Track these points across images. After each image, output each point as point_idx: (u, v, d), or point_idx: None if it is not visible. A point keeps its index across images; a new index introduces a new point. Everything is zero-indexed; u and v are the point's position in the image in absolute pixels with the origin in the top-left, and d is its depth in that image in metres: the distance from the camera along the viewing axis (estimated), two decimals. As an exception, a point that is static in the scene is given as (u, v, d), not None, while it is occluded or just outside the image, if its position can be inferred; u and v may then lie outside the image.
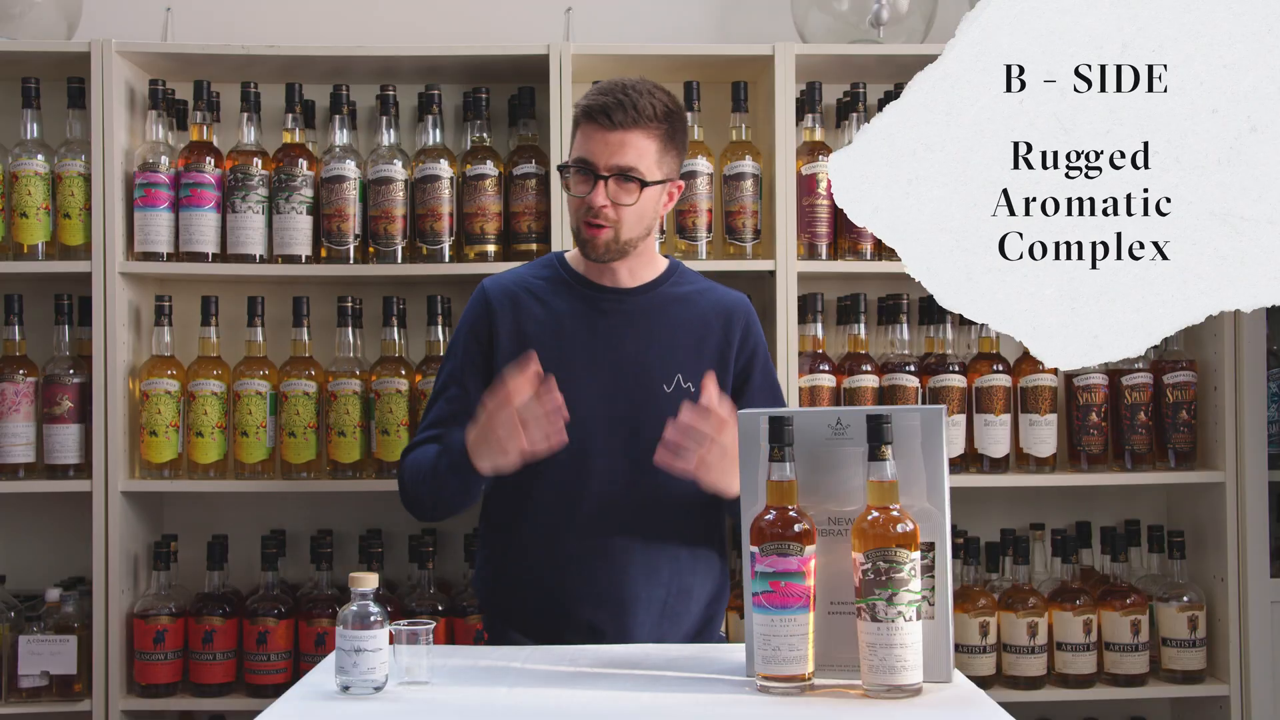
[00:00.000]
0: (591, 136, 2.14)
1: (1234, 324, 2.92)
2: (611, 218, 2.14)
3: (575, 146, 2.18)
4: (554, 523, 2.19)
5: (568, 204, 2.23)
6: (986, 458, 2.92)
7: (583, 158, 2.15)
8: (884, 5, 3.02)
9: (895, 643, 1.66)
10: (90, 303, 2.83)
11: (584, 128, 2.15)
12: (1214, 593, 2.98)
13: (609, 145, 2.12)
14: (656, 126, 2.14)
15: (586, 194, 2.14)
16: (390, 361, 2.91)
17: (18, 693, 2.79)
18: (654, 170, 2.16)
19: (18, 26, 2.95)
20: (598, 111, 2.12)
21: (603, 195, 2.13)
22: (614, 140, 2.12)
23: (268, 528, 3.02)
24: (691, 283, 2.32)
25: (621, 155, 2.12)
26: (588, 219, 2.15)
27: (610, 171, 2.13)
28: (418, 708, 1.70)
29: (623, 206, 2.14)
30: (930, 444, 1.76)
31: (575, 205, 2.18)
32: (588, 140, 2.14)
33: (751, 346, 2.29)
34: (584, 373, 2.20)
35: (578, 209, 2.18)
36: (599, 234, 2.15)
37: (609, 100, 2.12)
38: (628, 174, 2.13)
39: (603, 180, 2.13)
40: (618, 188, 2.13)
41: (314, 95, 3.05)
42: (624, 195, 2.14)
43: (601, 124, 2.12)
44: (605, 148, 2.12)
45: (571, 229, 2.22)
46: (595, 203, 2.13)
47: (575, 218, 2.19)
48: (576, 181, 2.16)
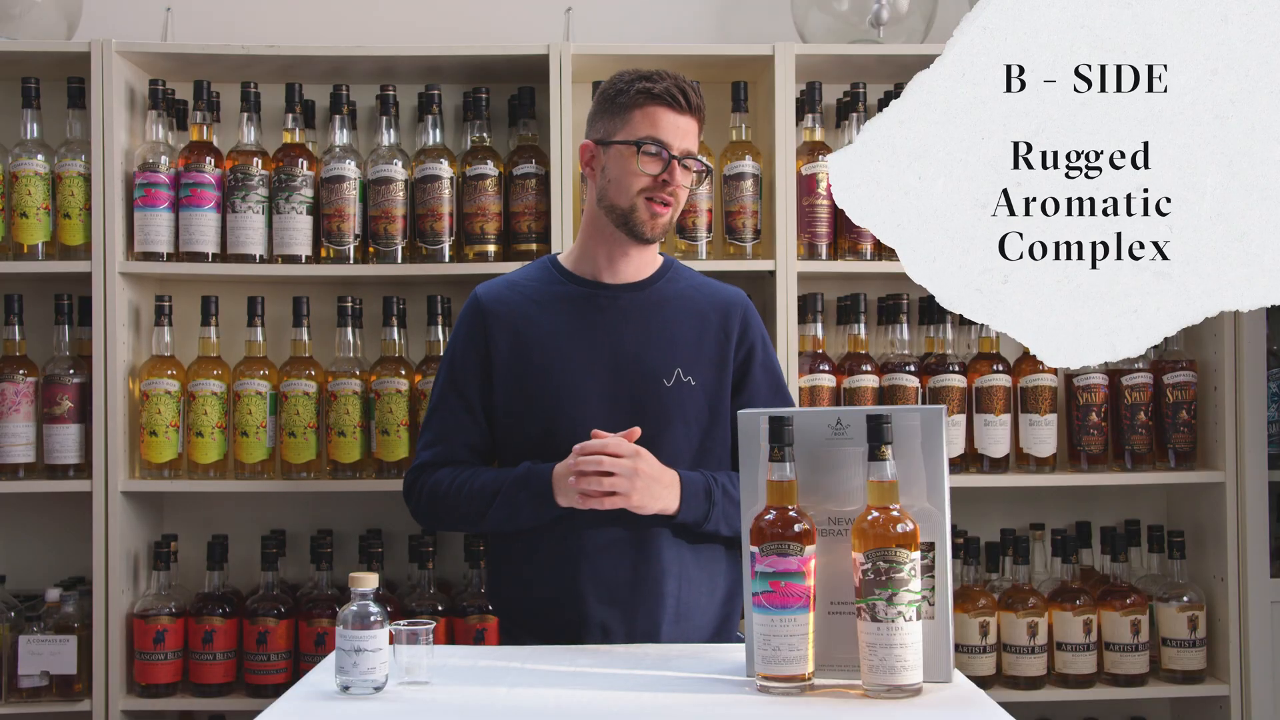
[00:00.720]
0: (663, 118, 2.18)
1: (1234, 324, 2.92)
2: (676, 198, 2.21)
3: (636, 127, 2.18)
4: (561, 521, 2.19)
5: (615, 182, 2.19)
6: (986, 458, 2.92)
7: (658, 138, 2.18)
8: (884, 5, 3.02)
9: (895, 643, 1.66)
10: (90, 303, 2.84)
11: (650, 109, 2.18)
12: (1214, 593, 2.98)
13: (680, 129, 2.19)
14: (702, 116, 2.24)
15: (659, 173, 2.17)
16: (390, 361, 2.91)
17: (18, 693, 2.79)
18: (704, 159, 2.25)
19: (18, 26, 2.95)
20: (673, 94, 2.18)
21: (680, 174, 2.19)
22: (685, 125, 2.20)
23: (268, 528, 3.02)
24: (687, 279, 2.33)
25: (690, 139, 2.21)
26: (658, 196, 2.18)
27: (683, 154, 2.19)
28: (418, 708, 1.70)
29: (682, 189, 2.21)
30: (930, 444, 1.76)
31: (640, 183, 2.18)
32: (658, 121, 2.18)
33: (750, 340, 2.29)
34: (584, 369, 2.20)
35: (642, 187, 2.18)
36: (664, 212, 2.20)
37: (677, 85, 2.19)
38: (692, 158, 2.21)
39: (676, 161, 2.18)
40: (683, 172, 2.20)
41: (314, 95, 3.06)
42: (687, 179, 2.22)
43: (676, 108, 2.18)
44: (677, 131, 2.19)
45: (620, 207, 2.19)
46: (676, 180, 2.18)
47: (631, 196, 2.18)
48: (647, 160, 2.18)
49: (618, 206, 2.20)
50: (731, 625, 2.29)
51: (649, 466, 2.08)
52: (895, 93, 2.99)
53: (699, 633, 2.22)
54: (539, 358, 2.22)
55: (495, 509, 2.16)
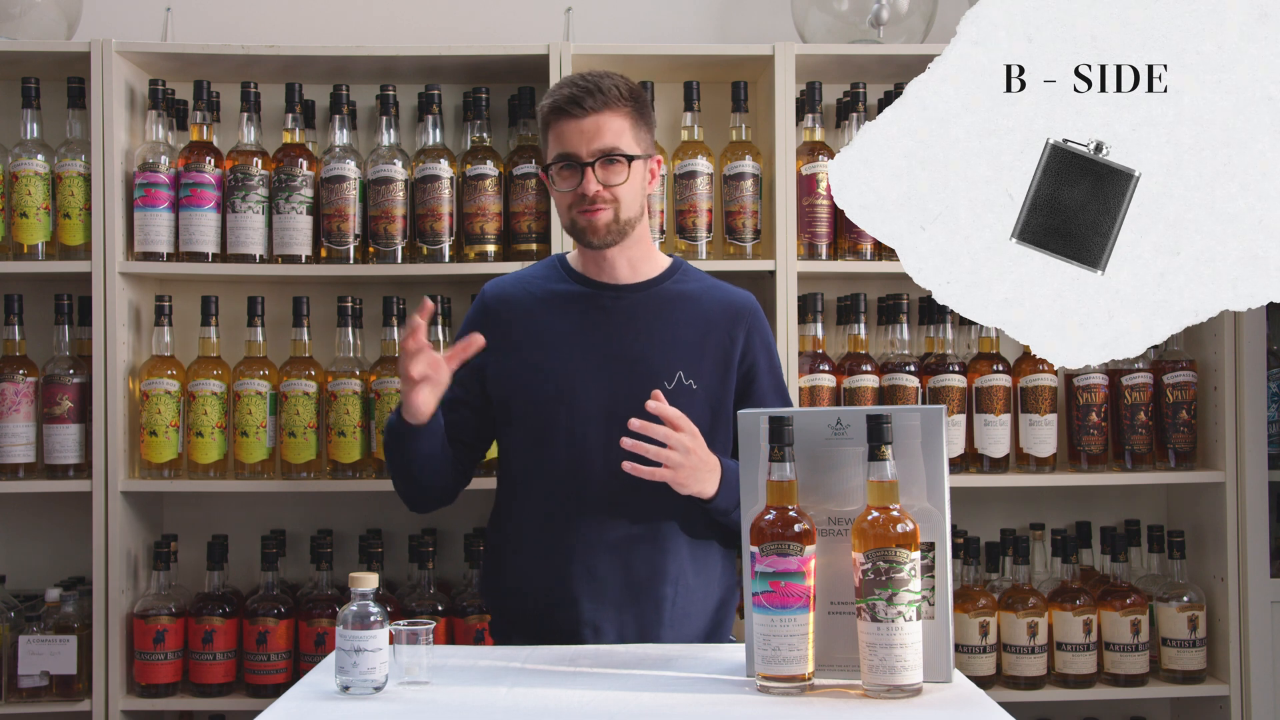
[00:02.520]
0: (566, 130, 2.14)
1: (1234, 324, 2.92)
2: (608, 198, 2.15)
3: (551, 146, 2.18)
4: (557, 520, 2.19)
5: (557, 205, 2.23)
6: (986, 458, 2.92)
7: (563, 152, 2.15)
8: (884, 5, 3.02)
9: (895, 643, 1.66)
10: (90, 303, 2.83)
11: (556, 126, 2.16)
12: (1214, 593, 2.98)
13: (585, 132, 2.13)
14: (624, 105, 2.16)
15: (576, 186, 2.15)
16: (390, 361, 2.91)
17: (18, 693, 2.79)
18: (633, 147, 2.17)
19: (18, 26, 2.95)
20: (566, 103, 2.14)
21: (594, 181, 2.14)
22: (589, 126, 2.13)
23: (268, 528, 3.02)
24: (697, 280, 2.31)
25: (600, 139, 2.13)
26: (583, 208, 2.15)
27: (594, 156, 2.14)
28: (418, 708, 1.70)
29: (616, 186, 2.15)
30: (930, 444, 1.76)
31: (566, 201, 2.18)
32: (563, 135, 2.15)
33: (757, 348, 2.27)
34: (585, 368, 2.20)
35: (570, 204, 2.17)
36: (597, 215, 2.15)
37: (573, 91, 2.14)
38: (612, 154, 2.14)
39: (589, 167, 2.13)
40: (605, 171, 2.14)
41: (314, 95, 3.05)
42: (614, 176, 2.15)
43: (574, 114, 2.13)
44: (583, 136, 2.13)
45: (565, 228, 2.22)
46: (589, 190, 2.14)
47: (567, 214, 2.19)
48: (563, 178, 2.17)
49: (565, 226, 2.22)
50: (724, 630, 2.30)
51: (701, 449, 2.07)
52: (895, 93, 2.98)
53: (692, 636, 2.22)
54: (540, 355, 2.22)
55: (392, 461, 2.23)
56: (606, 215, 2.15)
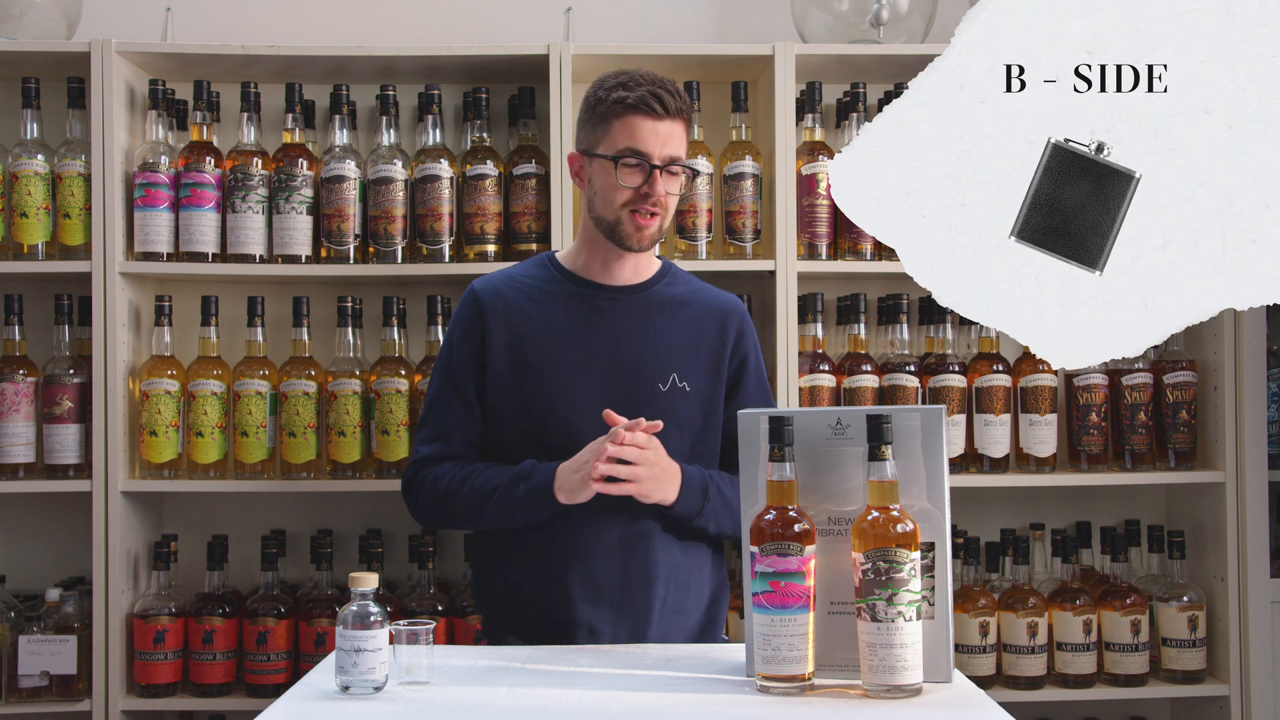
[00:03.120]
0: (640, 127, 2.13)
1: (1234, 324, 2.92)
2: (663, 206, 2.17)
3: (618, 137, 2.15)
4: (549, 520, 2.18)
5: (600, 194, 2.19)
6: (986, 458, 2.92)
7: (635, 149, 2.14)
8: (884, 5, 3.02)
9: (895, 643, 1.66)
10: (90, 303, 2.84)
11: (628, 119, 2.14)
12: (1214, 593, 2.98)
13: (659, 136, 2.14)
14: (685, 116, 2.18)
15: (640, 185, 2.14)
16: (390, 361, 2.91)
17: (18, 693, 2.79)
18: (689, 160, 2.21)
19: (18, 26, 2.95)
20: (649, 101, 2.12)
21: (660, 185, 2.14)
22: (664, 130, 2.14)
23: (268, 528, 3.02)
24: (685, 283, 2.32)
25: (672, 145, 2.15)
26: (641, 208, 2.15)
27: (664, 162, 2.14)
28: (418, 708, 1.70)
29: (669, 196, 2.17)
30: (930, 444, 1.76)
31: (623, 197, 2.15)
32: (636, 131, 2.13)
33: (745, 350, 2.29)
34: (579, 370, 2.20)
35: (626, 200, 2.15)
36: (651, 223, 2.16)
37: (655, 90, 2.13)
38: (678, 163, 2.16)
39: (659, 171, 2.14)
40: (668, 179, 2.16)
41: (314, 95, 3.05)
42: (673, 184, 2.17)
43: (654, 114, 2.13)
44: (656, 138, 2.14)
45: (606, 219, 2.18)
46: (657, 193, 2.14)
47: (616, 209, 2.16)
48: (628, 173, 2.15)
49: (604, 219, 2.19)
50: (716, 629, 2.30)
51: (660, 458, 2.09)
52: (895, 93, 2.98)
53: (684, 635, 2.22)
54: (534, 356, 2.21)
55: (493, 505, 2.15)
56: (657, 224, 2.18)
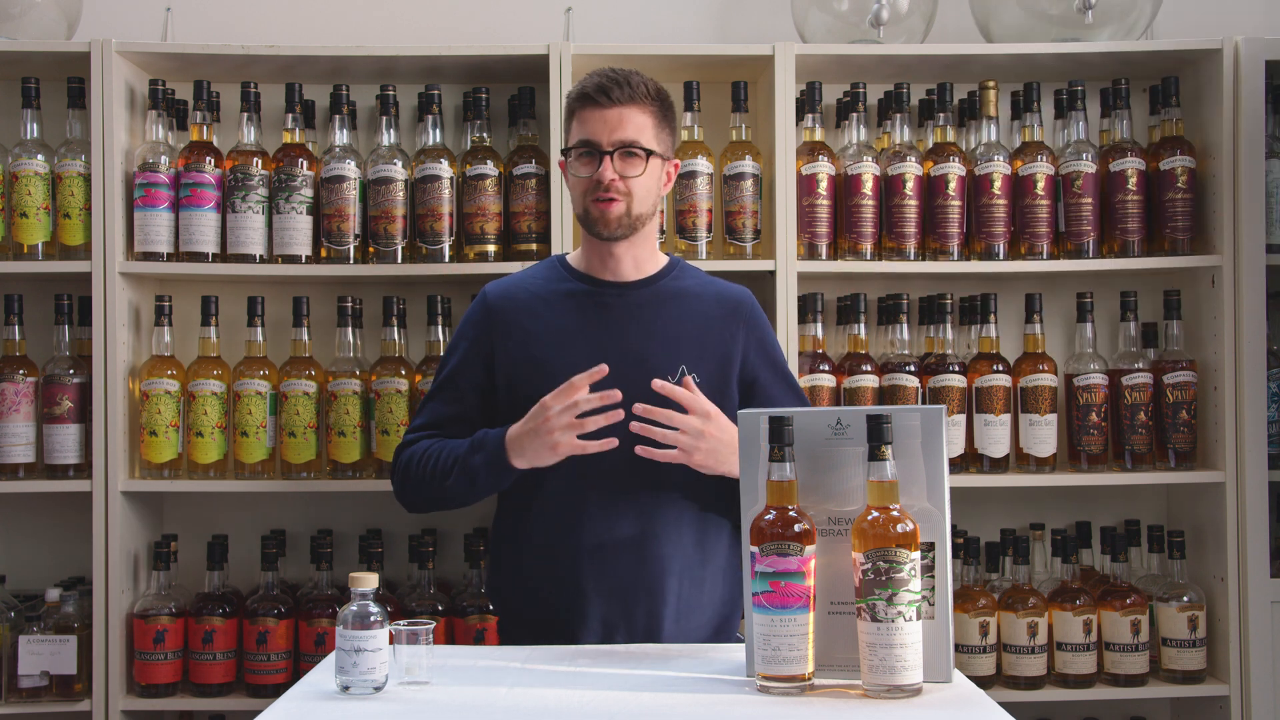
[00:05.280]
0: (590, 118, 2.19)
1: (1234, 324, 2.92)
2: (622, 190, 2.19)
3: (574, 133, 2.22)
4: (562, 517, 2.19)
5: (571, 190, 2.26)
6: (986, 458, 2.92)
7: (585, 139, 2.19)
8: (884, 5, 3.01)
9: (895, 643, 1.66)
10: (90, 303, 2.83)
11: (581, 113, 2.20)
12: (1214, 593, 2.98)
13: (609, 122, 2.18)
14: (650, 103, 2.21)
15: (593, 172, 2.18)
16: (390, 361, 2.91)
17: (18, 693, 2.79)
18: (653, 144, 2.21)
19: (18, 26, 2.95)
20: (594, 92, 2.18)
21: (610, 169, 2.17)
22: (613, 117, 2.18)
23: (268, 528, 3.02)
24: (693, 277, 2.34)
25: (623, 130, 2.18)
26: (597, 195, 2.18)
27: (614, 146, 2.18)
28: (418, 708, 1.70)
29: (631, 179, 2.19)
30: (930, 444, 1.76)
31: (581, 187, 2.21)
32: (587, 122, 2.19)
33: (756, 339, 2.30)
34: (587, 365, 2.19)
35: (585, 190, 2.20)
36: (610, 207, 2.19)
37: (602, 81, 2.19)
38: (631, 147, 2.18)
39: (608, 156, 2.17)
40: (624, 162, 2.18)
41: (314, 95, 3.06)
42: (631, 168, 2.19)
43: (600, 103, 2.18)
44: (605, 125, 2.18)
45: (578, 214, 2.25)
46: (604, 177, 2.17)
47: (581, 201, 2.22)
48: (581, 164, 2.20)
49: (578, 213, 2.25)
50: (732, 625, 2.29)
51: (719, 430, 2.10)
52: (895, 93, 2.99)
53: (699, 632, 2.22)
54: (543, 353, 2.23)
55: (454, 479, 2.17)
56: (620, 207, 2.19)
